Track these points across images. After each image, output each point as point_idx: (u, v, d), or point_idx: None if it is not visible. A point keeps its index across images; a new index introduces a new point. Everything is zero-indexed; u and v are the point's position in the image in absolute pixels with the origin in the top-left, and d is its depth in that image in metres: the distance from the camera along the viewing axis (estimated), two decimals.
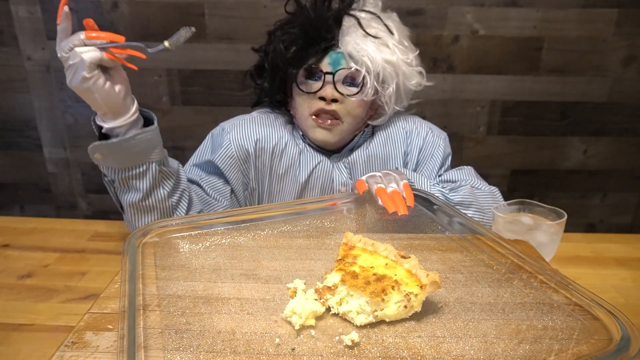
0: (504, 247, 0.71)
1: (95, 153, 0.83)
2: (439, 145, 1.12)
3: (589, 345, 0.52)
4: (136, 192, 0.88)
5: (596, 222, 1.77)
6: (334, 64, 0.98)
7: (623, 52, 1.54)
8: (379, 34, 0.99)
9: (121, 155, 0.83)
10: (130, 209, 0.91)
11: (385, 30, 1.01)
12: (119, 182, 0.87)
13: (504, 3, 1.49)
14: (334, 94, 0.98)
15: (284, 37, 1.01)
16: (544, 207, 1.10)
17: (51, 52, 1.57)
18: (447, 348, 0.52)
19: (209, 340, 0.52)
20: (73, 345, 0.54)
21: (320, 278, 0.64)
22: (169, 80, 1.60)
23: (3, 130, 1.68)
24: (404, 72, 1.03)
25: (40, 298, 1.03)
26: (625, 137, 1.65)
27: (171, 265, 0.67)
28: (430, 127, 1.16)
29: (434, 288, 0.57)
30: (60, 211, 1.79)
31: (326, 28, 0.98)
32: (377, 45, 0.98)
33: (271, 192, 1.09)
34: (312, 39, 0.99)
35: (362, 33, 0.98)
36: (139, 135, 0.83)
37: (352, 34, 0.98)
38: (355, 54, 0.97)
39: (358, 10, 1.01)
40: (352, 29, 0.99)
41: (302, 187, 1.07)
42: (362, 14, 1.01)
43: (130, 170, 0.85)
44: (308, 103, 1.01)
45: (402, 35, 1.04)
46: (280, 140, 1.07)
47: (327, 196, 1.04)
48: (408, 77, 1.04)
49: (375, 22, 1.01)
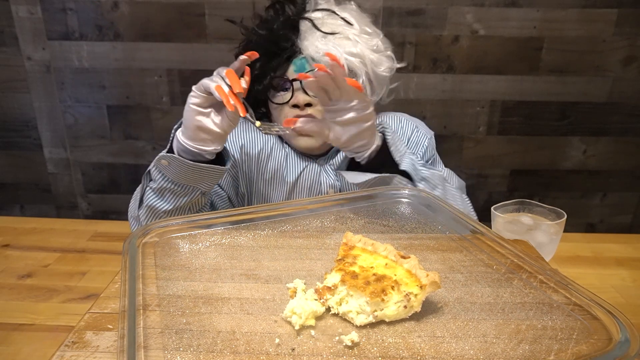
0: (504, 247, 0.71)
1: (163, 159, 0.86)
2: (423, 144, 1.10)
3: (589, 345, 0.52)
4: (168, 203, 0.91)
5: (596, 222, 1.77)
6: (299, 70, 0.97)
7: (623, 52, 1.54)
8: (336, 29, 0.97)
9: (183, 172, 0.87)
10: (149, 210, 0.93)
11: (342, 24, 0.98)
12: (159, 190, 0.90)
13: (504, 3, 1.49)
14: (305, 98, 0.97)
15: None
16: (544, 207, 1.10)
17: (51, 52, 1.58)
18: (447, 348, 0.52)
19: (209, 340, 0.52)
20: (73, 345, 0.54)
21: (320, 278, 0.64)
22: (169, 80, 1.60)
23: (3, 130, 1.68)
24: (372, 60, 0.99)
25: (40, 298, 1.03)
26: (625, 137, 1.65)
27: (171, 265, 0.67)
28: (417, 126, 1.13)
29: (434, 288, 0.57)
30: (60, 211, 1.79)
31: (283, 38, 0.97)
32: (338, 41, 0.96)
33: (259, 197, 1.08)
34: (272, 53, 0.97)
35: (320, 34, 0.96)
36: (211, 170, 0.87)
37: (310, 37, 0.96)
38: (317, 56, 0.95)
39: (312, 12, 0.99)
40: (308, 32, 0.97)
41: (289, 191, 1.07)
42: (316, 14, 0.99)
43: (179, 186, 0.89)
44: (284, 114, 1.00)
45: (362, 23, 1.01)
46: (265, 145, 1.07)
47: (323, 196, 1.04)
48: (376, 64, 1.01)
49: (331, 18, 0.98)
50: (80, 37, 1.56)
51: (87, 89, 1.62)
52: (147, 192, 0.92)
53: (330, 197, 0.86)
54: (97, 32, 1.55)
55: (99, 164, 1.72)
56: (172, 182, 0.88)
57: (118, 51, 1.57)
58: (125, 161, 1.71)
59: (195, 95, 0.83)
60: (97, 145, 1.69)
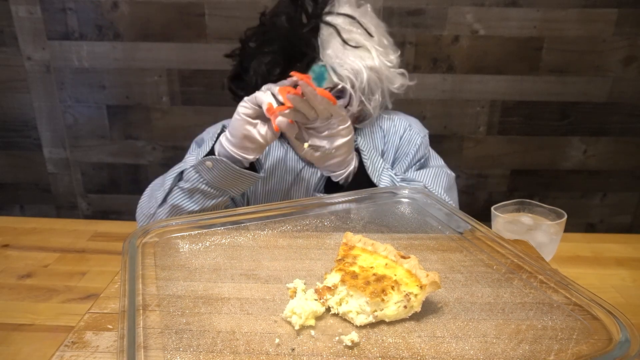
0: (504, 247, 0.71)
1: (208, 161, 0.89)
2: (415, 143, 1.09)
3: (589, 345, 0.52)
4: (195, 204, 0.94)
5: (596, 222, 1.77)
6: (318, 79, 0.95)
7: (623, 52, 1.54)
8: (359, 41, 0.96)
9: (223, 176, 0.90)
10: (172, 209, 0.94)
11: (364, 34, 0.97)
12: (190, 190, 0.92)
13: (504, 3, 1.49)
14: None
15: (264, 59, 0.98)
16: (544, 207, 1.10)
17: (51, 52, 1.58)
18: (447, 348, 0.52)
19: (209, 340, 0.52)
20: (73, 345, 0.54)
21: (320, 278, 0.64)
22: (169, 80, 1.60)
23: (3, 130, 1.68)
24: (387, 76, 1.00)
25: (40, 298, 1.03)
26: (625, 137, 1.65)
27: (171, 265, 0.67)
28: (410, 124, 1.12)
29: (434, 288, 0.57)
30: (60, 211, 1.79)
31: (305, 42, 0.96)
32: (359, 52, 0.95)
33: (257, 195, 1.08)
34: (293, 58, 0.96)
35: (340, 42, 0.95)
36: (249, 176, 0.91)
37: (332, 45, 0.95)
38: (339, 69, 0.94)
39: (335, 15, 0.97)
40: (331, 39, 0.95)
41: (288, 189, 1.07)
42: (339, 19, 0.97)
43: (213, 188, 0.92)
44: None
45: (380, 33, 1.00)
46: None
47: (326, 196, 1.04)
48: (391, 80, 1.02)
49: (354, 25, 0.97)
50: (80, 37, 1.56)
51: (87, 89, 1.62)
52: (175, 191, 0.94)
53: (331, 197, 0.86)
54: (97, 32, 1.55)
55: (98, 164, 1.72)
56: (207, 184, 0.91)
57: (118, 51, 1.57)
58: (125, 161, 1.71)
59: (246, 107, 0.87)
60: (97, 145, 1.69)
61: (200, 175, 0.91)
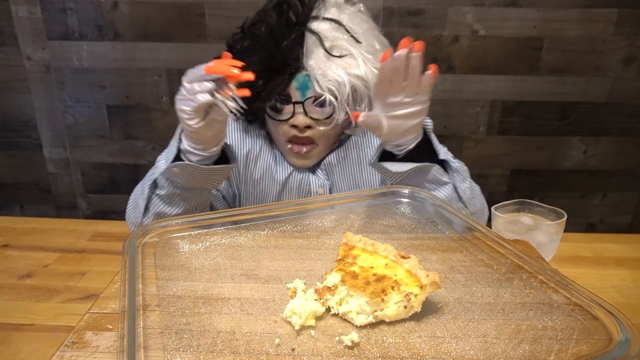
0: (504, 247, 0.71)
1: (174, 168, 0.86)
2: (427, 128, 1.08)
3: (589, 345, 0.52)
4: (177, 207, 0.91)
5: (596, 222, 1.77)
6: (302, 89, 0.94)
7: (623, 52, 1.54)
8: (344, 49, 0.92)
9: (192, 176, 0.87)
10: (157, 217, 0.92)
11: (350, 40, 0.93)
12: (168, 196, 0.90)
13: (504, 3, 1.49)
14: (305, 121, 0.95)
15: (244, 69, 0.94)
16: (544, 207, 1.10)
17: (51, 52, 1.58)
18: (447, 348, 0.52)
19: (209, 340, 0.52)
20: (73, 345, 0.54)
21: (320, 278, 0.64)
22: (169, 80, 1.60)
23: (3, 130, 1.68)
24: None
25: (40, 298, 1.03)
26: (625, 137, 1.65)
27: (171, 265, 0.67)
28: None
29: (434, 288, 0.57)
30: (60, 211, 1.79)
31: (287, 53, 0.92)
32: (343, 61, 0.92)
33: (248, 197, 1.08)
34: (277, 69, 0.94)
35: (324, 51, 0.91)
36: (219, 170, 0.88)
37: (315, 55, 0.92)
38: (321, 80, 0.92)
39: (321, 20, 0.94)
40: (314, 48, 0.93)
41: (279, 192, 1.06)
42: (325, 24, 0.93)
43: (188, 189, 0.89)
44: (282, 130, 0.98)
45: (370, 35, 0.96)
46: (254, 146, 1.05)
47: (323, 196, 1.04)
48: None
49: (339, 32, 0.93)
50: (80, 37, 1.56)
51: (87, 89, 1.62)
52: (154, 200, 0.92)
53: (330, 197, 0.86)
54: (97, 32, 1.55)
55: (98, 164, 1.72)
56: (181, 188, 0.89)
57: (118, 51, 1.57)
58: (125, 161, 1.71)
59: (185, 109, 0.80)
60: (97, 145, 1.69)
61: (171, 181, 0.89)
